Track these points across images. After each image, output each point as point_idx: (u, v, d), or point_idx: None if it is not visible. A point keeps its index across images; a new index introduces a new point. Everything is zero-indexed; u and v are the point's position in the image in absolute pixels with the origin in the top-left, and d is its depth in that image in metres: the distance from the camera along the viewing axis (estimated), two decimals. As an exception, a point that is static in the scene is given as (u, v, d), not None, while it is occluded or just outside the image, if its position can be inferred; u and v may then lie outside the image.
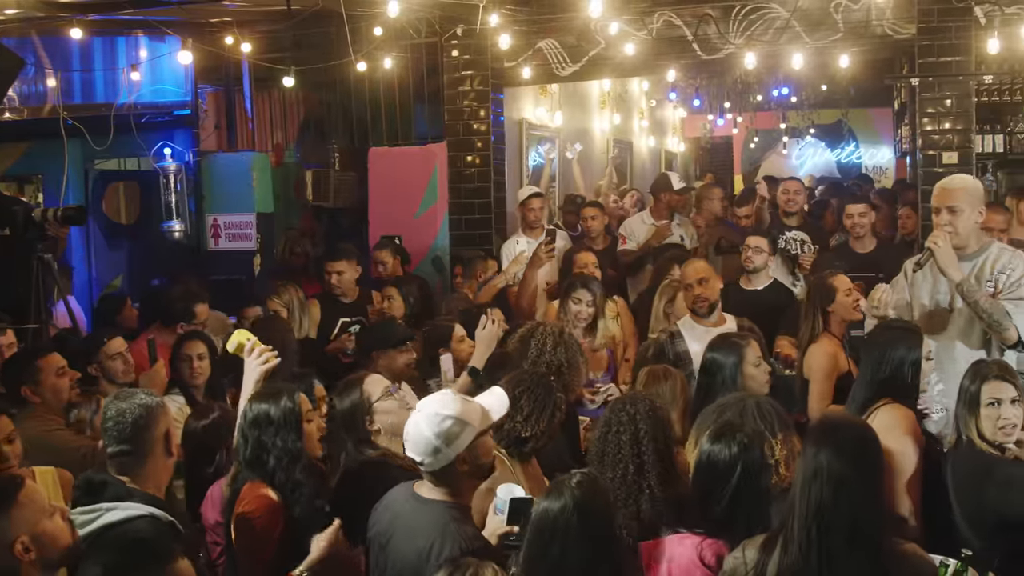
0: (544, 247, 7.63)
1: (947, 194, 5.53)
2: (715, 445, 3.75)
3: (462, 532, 3.69)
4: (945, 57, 8.83)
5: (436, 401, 3.83)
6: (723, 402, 4.38)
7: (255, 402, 4.35)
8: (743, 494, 3.70)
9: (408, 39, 10.07)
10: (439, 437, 3.71)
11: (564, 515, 3.35)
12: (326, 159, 10.84)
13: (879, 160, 20.26)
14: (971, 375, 4.52)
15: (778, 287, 7.74)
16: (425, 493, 3.86)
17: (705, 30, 9.52)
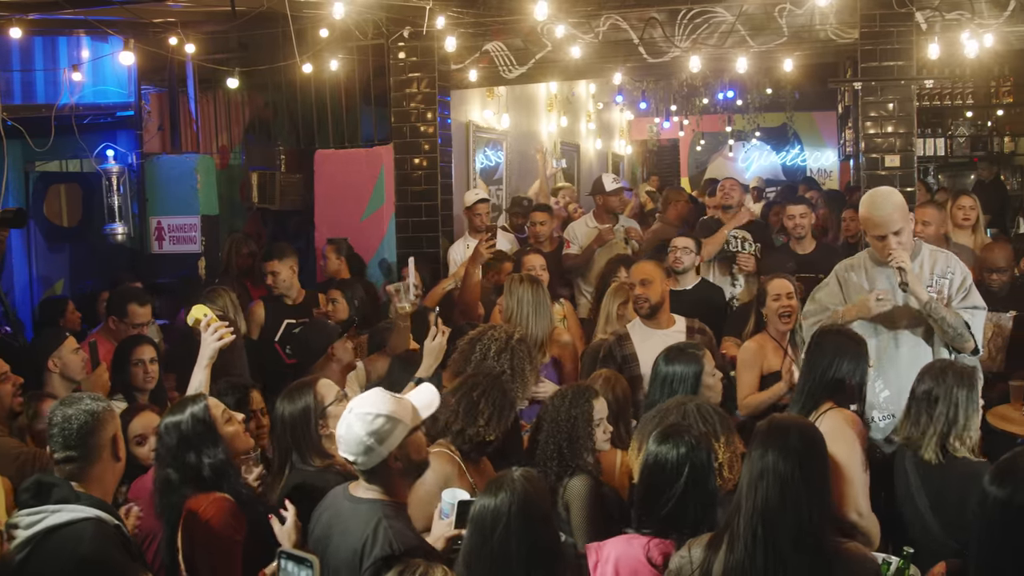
0: (484, 244, 7.63)
1: (893, 218, 5.45)
2: (663, 446, 3.76)
3: (394, 529, 3.70)
4: (887, 62, 8.93)
5: (367, 400, 3.84)
6: (664, 407, 4.41)
7: (165, 423, 4.26)
8: (691, 494, 3.72)
9: (354, 41, 10.02)
10: (371, 435, 3.72)
11: (504, 510, 3.38)
12: (272, 161, 10.75)
13: (823, 163, 20.49)
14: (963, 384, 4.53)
15: (706, 286, 7.80)
16: (360, 493, 3.87)
17: (651, 33, 9.56)
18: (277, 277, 7.71)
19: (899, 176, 8.90)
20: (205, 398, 4.35)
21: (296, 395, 4.59)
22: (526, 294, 6.45)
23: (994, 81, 14.76)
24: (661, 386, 5.21)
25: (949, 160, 15.04)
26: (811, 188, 14.24)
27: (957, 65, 12.40)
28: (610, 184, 9.47)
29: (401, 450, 3.79)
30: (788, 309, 6.34)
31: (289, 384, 4.76)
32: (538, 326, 6.42)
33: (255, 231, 10.76)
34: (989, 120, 15.10)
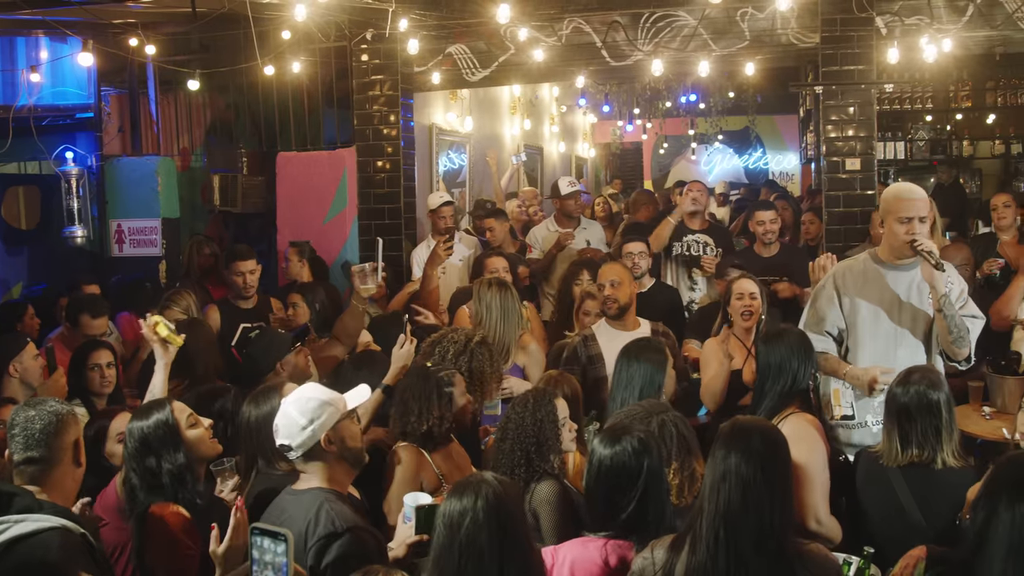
0: (442, 245, 7.62)
1: (922, 204, 5.43)
2: (617, 447, 3.76)
3: (336, 511, 3.80)
4: (848, 66, 8.98)
5: (301, 389, 4.03)
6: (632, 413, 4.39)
7: (129, 426, 4.29)
8: (650, 495, 3.72)
9: (317, 43, 9.98)
10: (304, 415, 3.87)
11: (475, 513, 3.33)
12: (233, 164, 10.71)
13: (785, 166, 20.62)
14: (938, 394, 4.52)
15: (662, 287, 7.86)
16: (300, 486, 3.96)
17: (614, 37, 9.58)
18: (254, 275, 7.70)
19: (860, 179, 8.95)
20: (170, 402, 4.34)
21: (263, 399, 4.60)
22: (495, 299, 6.45)
23: (953, 86, 14.90)
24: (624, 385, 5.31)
25: (909, 163, 15.17)
26: (773, 191, 14.32)
27: (917, 70, 12.52)
28: (566, 188, 9.49)
29: (335, 433, 3.93)
30: (750, 308, 6.41)
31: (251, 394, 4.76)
32: (506, 331, 6.42)
33: (217, 234, 10.70)
34: (948, 124, 15.23)
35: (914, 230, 5.36)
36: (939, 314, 5.30)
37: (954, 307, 5.30)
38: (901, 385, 4.52)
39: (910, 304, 5.49)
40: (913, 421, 4.43)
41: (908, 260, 5.48)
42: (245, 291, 7.66)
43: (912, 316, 5.48)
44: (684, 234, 8.72)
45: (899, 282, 5.50)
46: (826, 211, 9.06)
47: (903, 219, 5.39)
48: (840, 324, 5.62)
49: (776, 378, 4.86)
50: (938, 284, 5.26)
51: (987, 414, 6.51)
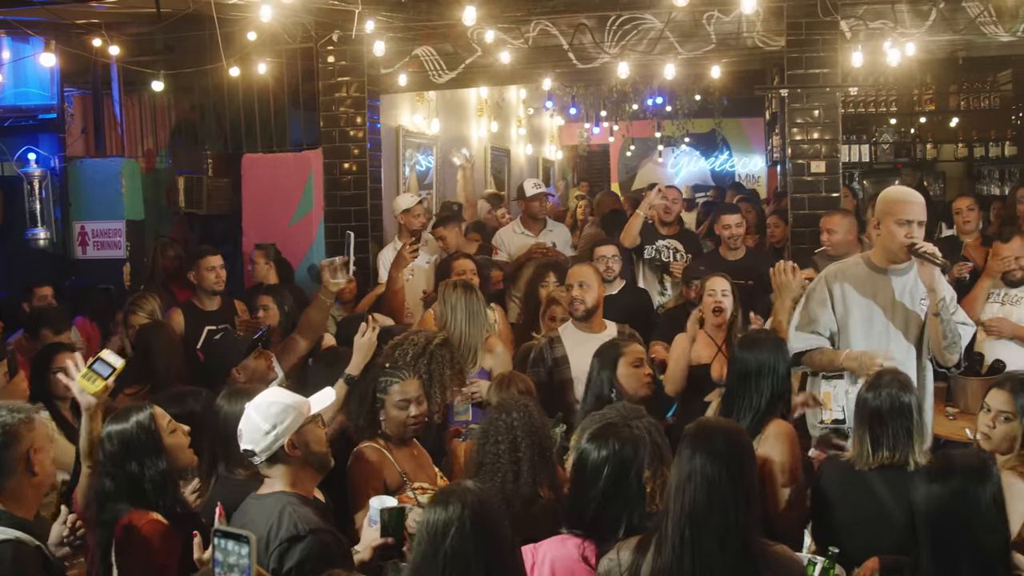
0: (408, 248, 7.60)
1: (920, 208, 5.39)
2: (588, 444, 3.76)
3: (299, 514, 3.78)
4: (813, 69, 9.04)
5: (264, 394, 4.02)
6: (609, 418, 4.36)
7: (109, 430, 4.20)
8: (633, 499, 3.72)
9: (283, 44, 9.95)
10: (267, 420, 3.84)
11: (456, 522, 3.29)
12: (199, 165, 10.64)
13: (751, 168, 20.68)
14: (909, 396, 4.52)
15: (632, 289, 7.86)
16: (264, 490, 3.95)
17: (581, 39, 9.60)
18: (224, 271, 7.74)
19: (824, 182, 9.01)
20: (150, 407, 4.29)
21: (235, 401, 4.53)
22: (460, 300, 6.42)
23: (917, 89, 15.00)
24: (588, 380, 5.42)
25: (873, 166, 15.25)
26: (739, 193, 14.38)
27: (881, 73, 12.60)
28: (530, 189, 9.48)
29: (299, 437, 3.90)
30: (720, 305, 6.45)
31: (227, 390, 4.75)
32: (472, 333, 6.40)
33: (182, 236, 10.63)
34: (912, 127, 15.34)
35: (913, 233, 5.32)
36: (935, 318, 5.28)
37: (950, 312, 5.32)
38: (872, 389, 4.52)
39: (902, 309, 5.47)
40: (885, 424, 4.43)
41: (902, 265, 5.46)
42: (217, 285, 7.69)
43: (904, 320, 5.47)
44: (655, 239, 8.73)
45: (892, 286, 5.48)
46: (791, 213, 9.11)
47: (902, 221, 5.34)
48: (832, 327, 5.59)
49: (758, 383, 4.87)
50: (939, 287, 5.26)
51: (951, 414, 6.58)
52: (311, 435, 3.97)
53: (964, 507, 3.45)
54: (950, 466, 3.58)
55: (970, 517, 3.44)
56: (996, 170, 14.77)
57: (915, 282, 5.44)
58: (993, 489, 3.51)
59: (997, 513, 3.49)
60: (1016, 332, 6.75)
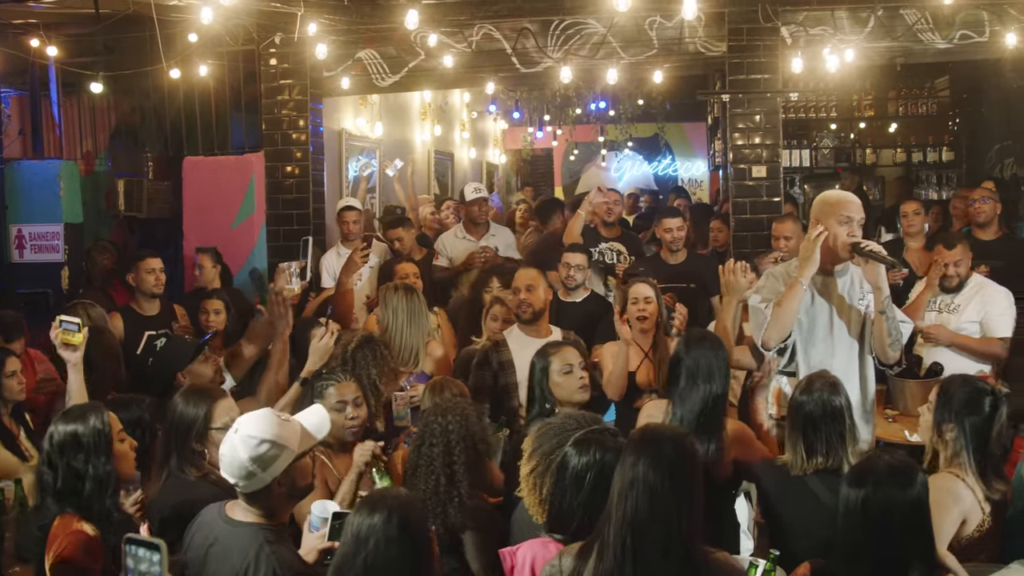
0: (358, 253, 7.57)
1: (857, 207, 5.41)
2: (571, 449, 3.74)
3: (278, 555, 3.62)
4: (754, 75, 9.12)
5: (253, 423, 3.72)
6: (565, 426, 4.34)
7: (62, 424, 4.13)
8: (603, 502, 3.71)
9: (225, 46, 9.88)
10: (254, 461, 3.63)
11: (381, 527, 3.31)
12: (139, 168, 10.53)
13: (694, 173, 20.84)
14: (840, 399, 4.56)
15: (595, 299, 7.82)
16: (239, 516, 3.77)
17: (524, 44, 9.61)
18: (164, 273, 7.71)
19: (766, 186, 9.09)
20: (105, 410, 4.23)
21: (193, 401, 4.53)
22: (401, 303, 6.41)
23: (856, 95, 15.21)
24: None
25: (814, 171, 15.41)
26: (680, 197, 14.47)
27: (822, 79, 12.74)
28: (470, 194, 9.49)
29: (286, 476, 3.71)
30: (643, 312, 6.45)
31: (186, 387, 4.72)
32: (413, 336, 6.38)
33: (121, 239, 10.51)
34: (852, 132, 15.52)
35: (855, 231, 5.36)
36: (881, 316, 5.30)
37: (895, 309, 5.36)
38: (805, 392, 4.56)
39: (845, 309, 5.50)
40: (818, 429, 4.46)
41: (841, 266, 5.49)
42: (156, 288, 7.66)
43: (847, 320, 5.50)
44: (597, 242, 8.75)
45: (833, 287, 5.51)
46: (733, 218, 9.17)
47: (844, 219, 5.35)
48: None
49: (706, 381, 4.88)
50: (884, 284, 5.27)
51: (890, 417, 6.65)
52: (298, 471, 3.78)
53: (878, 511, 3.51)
54: (869, 470, 3.65)
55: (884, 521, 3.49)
56: (934, 175, 14.99)
57: (852, 283, 5.49)
58: (915, 493, 3.56)
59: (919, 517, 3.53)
60: (954, 340, 6.82)
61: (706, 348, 4.97)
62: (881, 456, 3.78)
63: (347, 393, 5.01)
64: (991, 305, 6.84)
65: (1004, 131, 12.53)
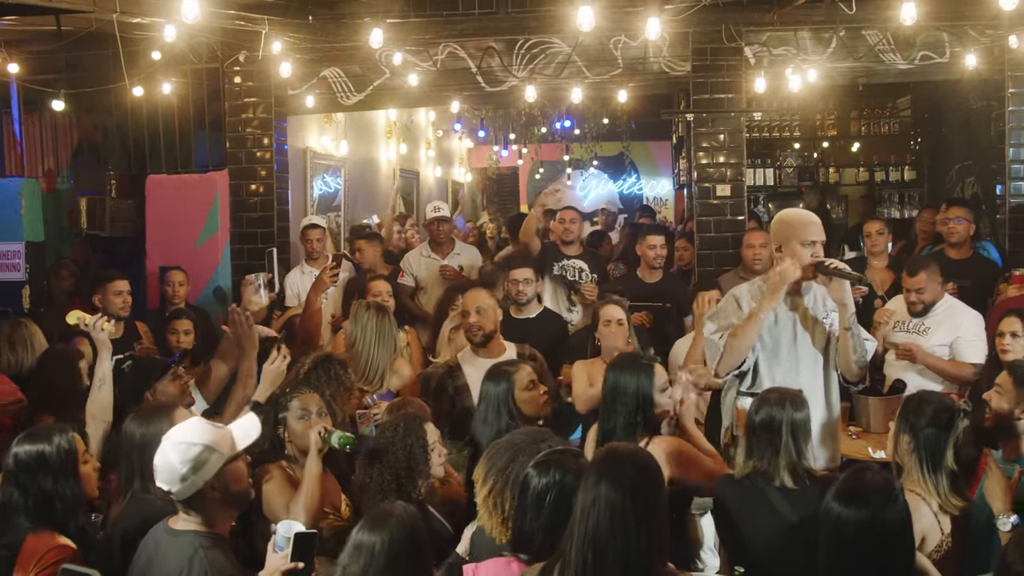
0: (328, 272, 7.53)
1: (818, 228, 5.47)
2: (532, 471, 3.74)
3: (210, 558, 3.68)
4: (718, 94, 9.18)
5: (184, 429, 3.82)
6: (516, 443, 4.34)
7: (27, 444, 4.13)
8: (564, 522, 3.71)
9: (188, 64, 9.84)
10: (185, 464, 3.70)
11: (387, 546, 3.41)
12: (102, 186, 10.45)
13: (659, 191, 20.91)
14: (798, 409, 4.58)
15: (548, 315, 7.82)
16: (178, 525, 3.83)
17: (489, 63, 9.64)
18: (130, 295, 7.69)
19: (730, 205, 9.14)
20: (70, 430, 4.24)
21: (151, 418, 4.47)
22: (371, 322, 6.38)
23: (819, 115, 15.29)
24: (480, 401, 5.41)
25: (778, 190, 15.50)
26: (644, 216, 14.52)
27: (785, 99, 12.83)
28: (430, 213, 9.52)
29: (218, 479, 3.77)
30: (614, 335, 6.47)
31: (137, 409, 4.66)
32: (380, 355, 6.35)
33: (84, 258, 10.43)
34: (815, 151, 15.60)
35: (819, 252, 5.41)
36: (846, 333, 5.33)
37: (860, 327, 5.40)
38: (758, 403, 4.63)
39: (809, 326, 5.53)
40: (758, 436, 4.53)
41: (805, 284, 5.51)
42: (123, 311, 7.67)
43: (810, 338, 5.52)
44: (560, 258, 8.76)
45: (797, 306, 5.54)
46: (698, 236, 9.21)
47: (807, 243, 5.41)
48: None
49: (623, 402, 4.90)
50: (849, 302, 5.31)
51: (853, 433, 6.67)
52: (231, 474, 3.83)
53: (877, 531, 3.50)
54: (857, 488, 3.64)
55: (879, 540, 3.49)
56: (896, 194, 15.09)
57: (816, 301, 5.52)
58: (901, 510, 3.59)
59: (905, 534, 3.55)
60: (928, 360, 6.80)
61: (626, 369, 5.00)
62: (864, 473, 3.78)
63: (311, 404, 4.99)
64: (962, 330, 6.83)
65: (965, 151, 12.64)
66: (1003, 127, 9.35)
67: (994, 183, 9.83)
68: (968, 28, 9.15)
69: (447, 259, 9.31)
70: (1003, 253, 9.04)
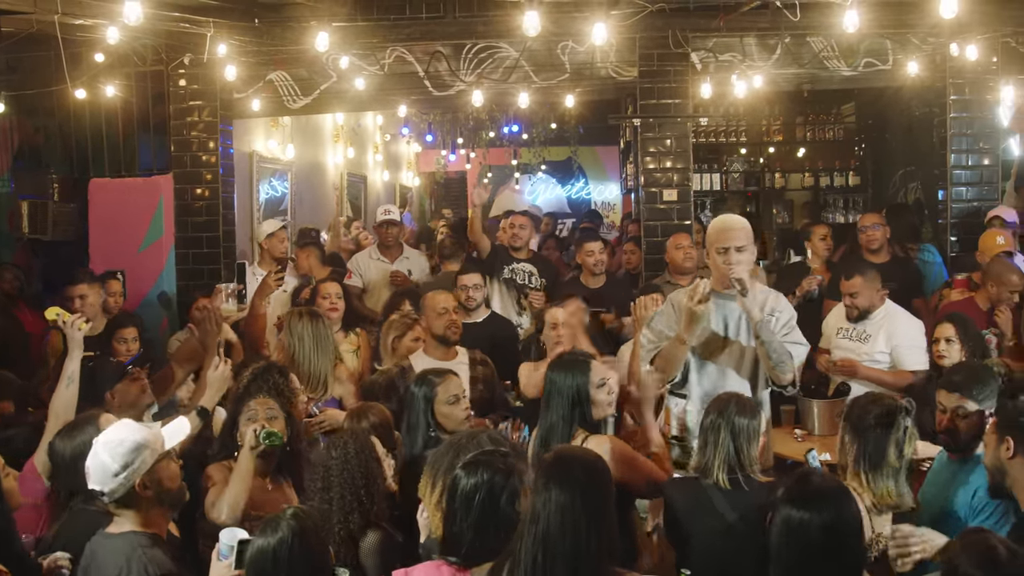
0: (273, 276, 7.47)
1: (738, 234, 5.56)
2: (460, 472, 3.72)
3: (150, 556, 3.71)
4: (665, 100, 9.24)
5: (115, 430, 3.87)
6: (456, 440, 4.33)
7: None
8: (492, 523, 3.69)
9: (132, 67, 9.71)
10: (116, 460, 3.75)
11: (283, 548, 3.44)
12: (43, 190, 10.30)
13: (607, 196, 20.99)
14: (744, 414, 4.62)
15: (496, 319, 7.87)
16: (113, 529, 3.85)
17: (437, 67, 9.63)
18: (85, 301, 7.53)
19: (676, 209, 9.19)
20: None
21: (76, 431, 4.44)
22: (307, 330, 6.33)
23: (765, 120, 15.46)
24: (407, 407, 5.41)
25: (724, 194, 15.63)
26: (593, 221, 14.57)
27: (732, 104, 12.94)
28: (380, 216, 9.52)
29: (150, 476, 3.82)
30: (559, 338, 6.48)
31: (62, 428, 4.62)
32: (320, 362, 6.30)
33: (25, 262, 10.26)
34: (761, 157, 15.76)
35: (731, 260, 5.48)
36: (758, 340, 5.43)
37: (772, 333, 5.43)
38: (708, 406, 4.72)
39: (739, 332, 5.61)
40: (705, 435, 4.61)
41: (734, 289, 5.55)
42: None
43: (741, 343, 5.61)
44: (510, 261, 8.76)
45: (729, 311, 5.62)
46: (644, 240, 9.25)
47: (720, 249, 5.54)
48: None
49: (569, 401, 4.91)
50: (752, 310, 5.40)
51: (799, 436, 6.72)
52: (164, 472, 3.87)
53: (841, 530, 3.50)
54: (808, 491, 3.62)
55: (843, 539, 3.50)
56: (841, 199, 15.29)
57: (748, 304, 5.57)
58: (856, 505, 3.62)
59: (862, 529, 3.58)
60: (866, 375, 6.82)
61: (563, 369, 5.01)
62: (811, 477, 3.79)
63: (262, 408, 4.96)
64: (899, 337, 6.90)
65: (908, 156, 12.80)
66: (944, 133, 9.49)
67: (936, 188, 9.95)
68: (910, 36, 9.27)
69: (395, 263, 9.29)
70: (945, 258, 9.16)
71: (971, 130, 9.41)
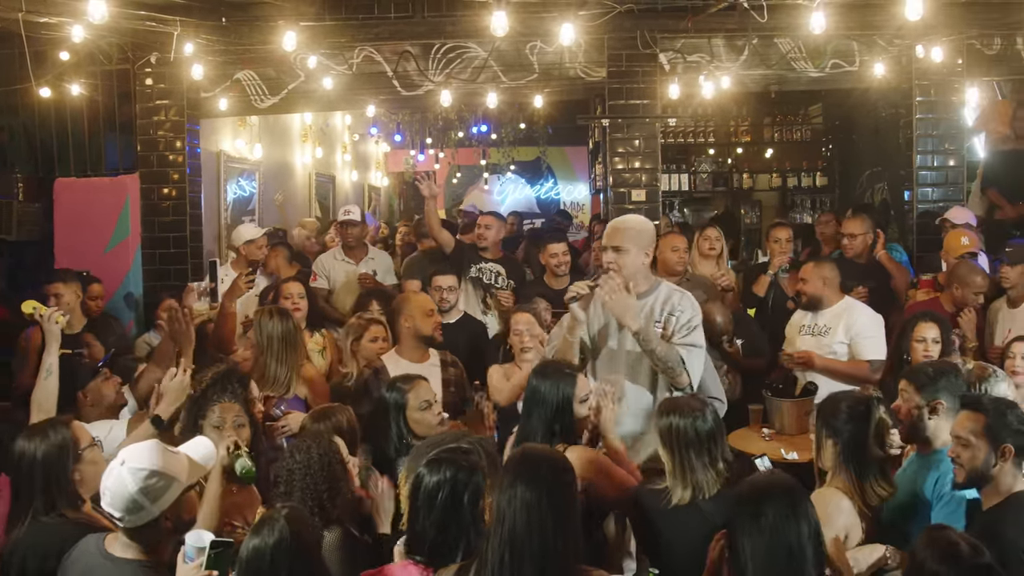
0: (243, 278, 7.43)
1: (614, 234, 5.55)
2: (423, 469, 3.72)
3: None
4: (633, 100, 9.27)
5: (140, 453, 3.64)
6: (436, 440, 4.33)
7: None
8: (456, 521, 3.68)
9: (98, 65, 9.65)
10: (143, 493, 3.56)
11: (280, 549, 3.40)
12: (8, 189, 10.21)
13: (576, 196, 21.05)
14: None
15: (469, 320, 7.86)
16: (117, 551, 3.69)
17: (405, 67, 9.61)
18: (60, 300, 7.46)
19: (645, 209, 9.19)
20: None
21: (49, 433, 4.27)
22: (276, 328, 6.30)
23: (733, 121, 15.56)
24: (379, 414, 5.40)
25: (693, 195, 15.71)
26: (563, 221, 14.59)
27: (700, 105, 12.98)
28: (340, 216, 9.49)
29: (173, 510, 3.66)
30: (523, 344, 6.59)
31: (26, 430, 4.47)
32: (288, 361, 6.28)
33: (-11, 263, 10.19)
34: (729, 157, 15.85)
35: (605, 259, 5.53)
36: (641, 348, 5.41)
37: (652, 342, 5.33)
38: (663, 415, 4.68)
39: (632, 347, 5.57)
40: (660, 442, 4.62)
41: (646, 286, 5.59)
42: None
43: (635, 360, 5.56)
44: (478, 260, 8.75)
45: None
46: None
47: (603, 247, 5.61)
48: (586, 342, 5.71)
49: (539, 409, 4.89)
50: (627, 321, 5.35)
51: (766, 435, 6.74)
52: (186, 505, 3.77)
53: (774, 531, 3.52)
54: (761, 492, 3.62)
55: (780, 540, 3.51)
56: (808, 199, 15.41)
57: (650, 309, 5.56)
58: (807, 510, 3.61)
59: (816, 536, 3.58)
60: (824, 365, 6.90)
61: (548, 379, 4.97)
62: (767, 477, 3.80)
63: (228, 414, 4.89)
64: (855, 328, 6.94)
65: (874, 157, 12.89)
66: (910, 134, 9.56)
67: (902, 189, 10.03)
68: (877, 37, 9.34)
69: (361, 264, 9.25)
70: (911, 258, 9.22)
71: (936, 131, 9.48)
